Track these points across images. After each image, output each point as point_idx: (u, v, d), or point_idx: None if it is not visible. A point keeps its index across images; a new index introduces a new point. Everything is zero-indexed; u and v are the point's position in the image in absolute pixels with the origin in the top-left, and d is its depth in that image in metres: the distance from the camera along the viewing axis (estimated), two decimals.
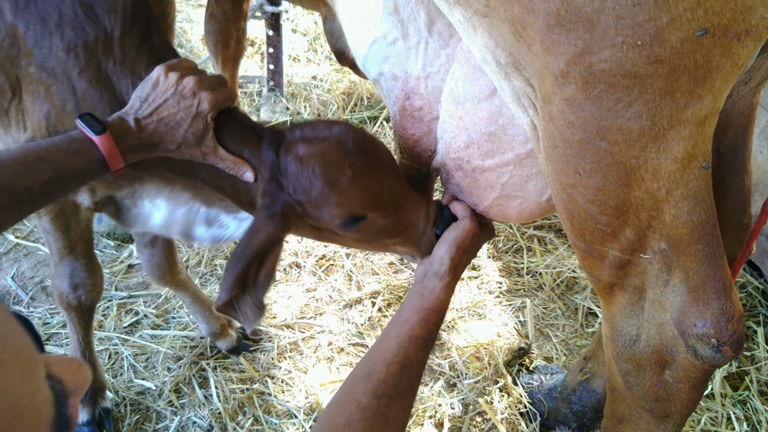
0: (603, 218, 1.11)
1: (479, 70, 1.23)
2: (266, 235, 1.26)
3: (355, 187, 1.23)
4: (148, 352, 2.21)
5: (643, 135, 0.97)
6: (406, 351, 1.20)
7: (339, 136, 1.26)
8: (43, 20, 1.25)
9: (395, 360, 1.19)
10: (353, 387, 1.16)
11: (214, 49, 2.80)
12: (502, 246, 2.74)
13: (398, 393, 1.16)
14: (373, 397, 1.13)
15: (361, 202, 1.26)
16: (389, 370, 1.17)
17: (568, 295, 2.55)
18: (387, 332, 1.25)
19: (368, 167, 1.26)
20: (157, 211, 1.48)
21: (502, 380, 2.11)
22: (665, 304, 1.15)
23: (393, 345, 1.21)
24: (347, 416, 1.10)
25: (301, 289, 2.49)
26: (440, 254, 1.33)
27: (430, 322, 1.26)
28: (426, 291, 1.29)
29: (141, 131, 1.17)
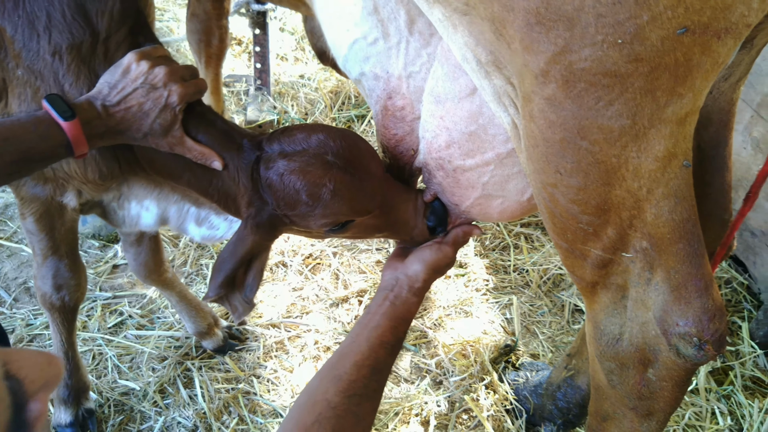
0: (584, 217, 1.11)
1: (460, 69, 1.22)
2: (252, 241, 1.26)
3: (338, 198, 1.23)
4: (133, 353, 2.19)
5: (623, 134, 0.96)
6: (377, 355, 1.22)
7: (318, 148, 1.24)
8: (31, 23, 1.24)
9: (366, 363, 1.20)
10: (322, 387, 1.16)
11: (197, 48, 2.78)
12: (489, 244, 2.74)
13: (368, 393, 1.18)
14: (344, 396, 1.14)
15: (346, 211, 1.27)
16: (360, 373, 1.19)
17: (555, 292, 2.56)
18: (357, 335, 1.26)
19: (350, 176, 1.25)
20: (147, 212, 1.47)
21: (488, 377, 2.11)
22: (648, 303, 1.15)
23: (364, 348, 1.22)
24: (317, 414, 1.11)
25: (287, 288, 2.48)
26: (415, 270, 1.36)
27: (399, 330, 1.29)
28: (398, 301, 1.32)
29: (108, 118, 1.16)
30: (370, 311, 1.30)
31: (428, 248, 1.39)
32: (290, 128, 1.29)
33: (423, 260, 1.37)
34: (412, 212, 1.39)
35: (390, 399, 2.07)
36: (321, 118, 3.53)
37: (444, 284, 2.53)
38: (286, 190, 1.22)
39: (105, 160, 1.31)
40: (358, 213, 1.29)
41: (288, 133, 1.28)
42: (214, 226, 1.47)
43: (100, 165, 1.31)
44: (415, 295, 1.33)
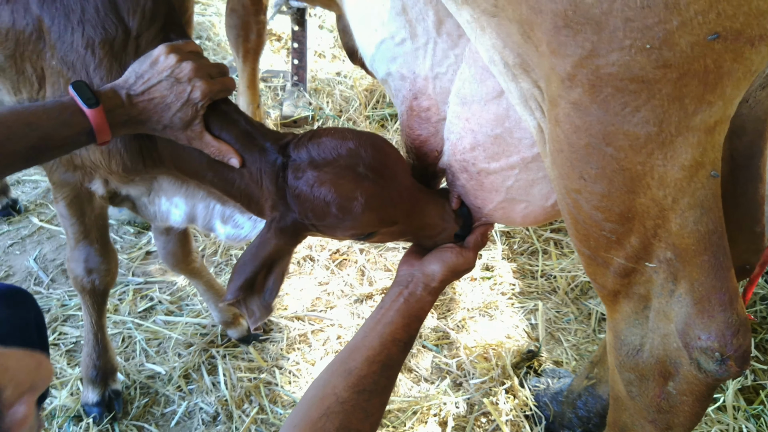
0: (608, 225, 1.09)
1: (487, 71, 1.22)
2: (275, 246, 1.26)
3: (368, 212, 1.22)
4: (161, 338, 2.24)
5: (649, 141, 0.95)
6: (389, 351, 1.23)
7: (349, 159, 1.23)
8: (67, 15, 1.28)
9: (377, 359, 1.21)
10: (332, 381, 1.17)
11: (235, 43, 2.83)
12: (517, 248, 2.72)
13: (377, 389, 1.18)
14: (354, 392, 1.15)
15: (375, 223, 1.27)
16: (371, 368, 1.19)
17: (582, 300, 2.52)
18: (370, 330, 1.26)
19: (381, 188, 1.24)
20: (176, 209, 1.50)
21: (509, 382, 2.09)
22: (670, 315, 1.13)
23: (376, 344, 1.23)
24: (326, 408, 1.12)
25: (313, 282, 2.51)
26: (433, 269, 1.36)
27: (412, 328, 1.29)
28: (412, 298, 1.31)
29: (131, 107, 1.18)
30: (384, 306, 1.31)
31: (449, 250, 1.39)
32: (318, 133, 1.28)
33: (443, 261, 1.37)
34: (438, 218, 1.38)
35: (409, 398, 2.08)
36: (355, 116, 3.55)
37: (469, 286, 2.52)
38: (316, 201, 1.22)
39: (129, 154, 1.34)
40: (386, 224, 1.29)
41: (317, 140, 1.26)
42: (238, 225, 1.48)
43: (124, 158, 1.34)
44: (430, 294, 1.32)
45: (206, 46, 4.06)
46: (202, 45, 4.06)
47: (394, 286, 1.36)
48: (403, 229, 1.34)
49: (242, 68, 2.94)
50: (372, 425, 1.17)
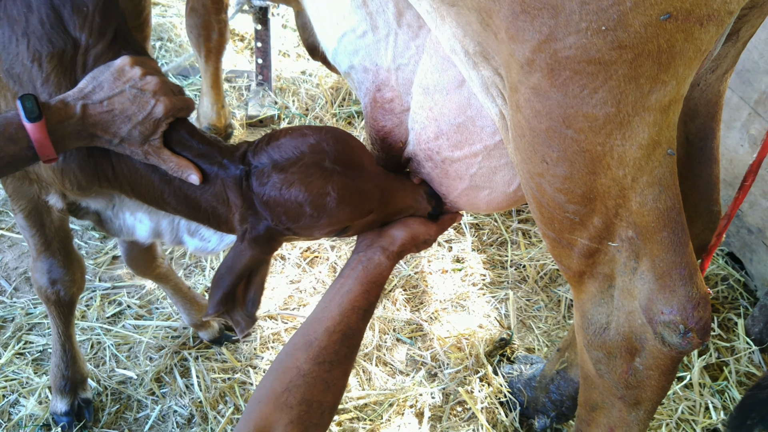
0: (571, 207, 1.12)
1: (448, 61, 1.24)
2: (250, 256, 1.24)
3: (342, 205, 1.22)
4: (131, 342, 2.21)
5: (608, 122, 0.97)
6: (348, 320, 1.23)
7: (312, 155, 1.20)
8: (12, 26, 1.21)
9: (337, 329, 1.21)
10: (293, 354, 1.18)
11: (196, 43, 2.80)
12: (486, 239, 2.75)
13: (339, 359, 1.19)
14: (314, 363, 1.16)
15: (350, 216, 1.26)
16: (331, 338, 1.20)
17: (551, 288, 2.57)
18: (329, 301, 1.27)
19: (351, 179, 1.23)
20: (141, 224, 1.46)
21: (483, 370, 2.12)
22: (634, 292, 1.16)
23: (335, 314, 1.23)
24: (288, 382, 1.13)
25: (285, 280, 2.50)
26: (394, 233, 1.37)
27: (371, 294, 1.29)
28: (371, 264, 1.31)
29: (85, 119, 1.12)
30: (343, 275, 1.31)
31: (413, 218, 1.40)
32: (275, 135, 1.25)
33: (405, 226, 1.38)
34: (411, 200, 1.40)
35: (385, 390, 2.08)
36: (322, 114, 3.54)
37: (441, 279, 2.54)
38: (288, 204, 1.19)
39: (84, 174, 1.26)
40: (361, 215, 1.29)
41: (275, 142, 1.23)
42: (205, 239, 1.45)
43: (78, 177, 1.27)
44: (388, 259, 1.32)
45: (168, 48, 4.01)
46: (164, 46, 4.00)
47: (353, 254, 1.36)
48: (377, 217, 1.35)
49: (205, 68, 2.91)
50: (334, 395, 1.18)
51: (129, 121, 1.15)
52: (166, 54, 3.96)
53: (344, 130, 1.30)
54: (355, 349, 1.26)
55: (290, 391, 1.13)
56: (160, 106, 1.17)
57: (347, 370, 1.23)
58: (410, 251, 1.42)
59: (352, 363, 1.25)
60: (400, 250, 1.36)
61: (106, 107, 1.14)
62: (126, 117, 1.15)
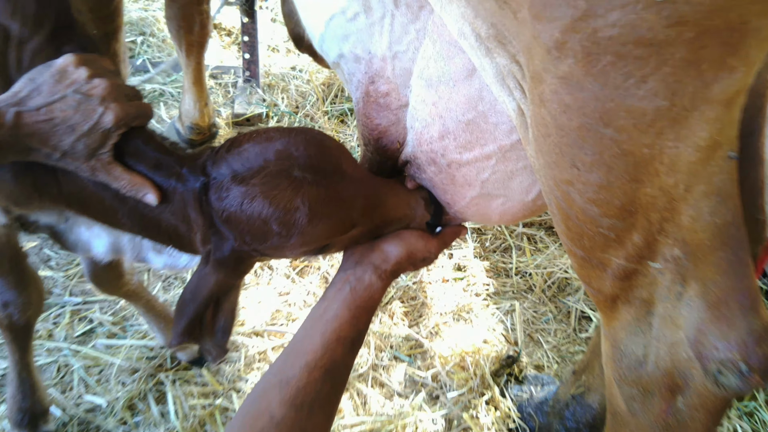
0: (606, 221, 0.93)
1: (455, 47, 1.05)
2: (215, 282, 1.05)
3: (316, 220, 1.02)
4: (102, 365, 2.01)
5: (659, 118, 0.79)
6: (333, 354, 1.03)
7: (279, 163, 1.00)
8: None
9: (319, 364, 1.02)
10: (266, 395, 0.99)
11: (176, 35, 2.59)
12: (489, 245, 2.57)
13: (320, 401, 1.00)
14: (290, 407, 0.96)
15: (327, 232, 1.06)
16: (311, 376, 1.00)
17: (560, 298, 2.38)
18: (310, 329, 1.07)
19: (326, 188, 1.03)
20: (98, 239, 1.26)
21: (489, 392, 1.93)
22: (678, 321, 0.98)
23: (317, 346, 1.03)
24: (258, 431, 0.94)
25: (272, 292, 2.30)
26: (387, 248, 1.17)
27: (360, 321, 1.09)
28: (360, 285, 1.12)
29: (19, 128, 0.92)
30: (327, 297, 1.11)
31: (410, 231, 1.21)
32: (238, 141, 1.05)
33: (400, 240, 1.18)
34: (405, 208, 1.20)
35: (381, 416, 1.89)
36: (312, 112, 3.35)
37: (441, 289, 2.35)
38: (251, 221, 1.00)
39: (20, 189, 1.06)
40: (342, 230, 1.09)
41: (236, 149, 1.03)
42: (174, 254, 1.25)
43: (14, 193, 1.07)
44: (380, 279, 1.13)
45: (150, 43, 3.80)
46: (146, 41, 3.79)
47: (339, 272, 1.16)
48: (364, 231, 1.15)
49: (186, 63, 2.71)
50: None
51: (72, 132, 0.95)
52: (149, 50, 3.76)
53: (318, 130, 1.10)
54: (341, 386, 1.07)
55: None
56: (110, 114, 0.97)
57: (331, 412, 1.04)
58: (406, 270, 1.22)
59: (337, 404, 1.06)
60: (394, 269, 1.16)
61: (44, 115, 0.94)
62: (68, 127, 0.95)
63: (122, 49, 2.08)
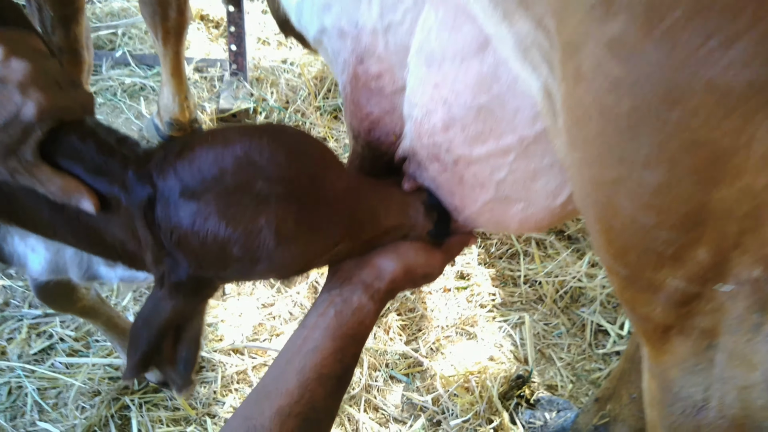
0: (663, 233, 0.71)
1: (463, 14, 0.83)
2: (173, 309, 0.85)
3: (286, 243, 0.81)
4: (59, 386, 1.79)
5: (751, 96, 0.57)
6: (312, 396, 0.82)
7: (238, 173, 0.79)
8: None
9: (294, 411, 0.81)
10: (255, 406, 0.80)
11: (151, 22, 2.37)
12: (495, 250, 2.35)
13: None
14: None
15: (303, 255, 0.86)
16: (285, 426, 0.79)
17: (573, 309, 2.17)
18: (285, 364, 0.86)
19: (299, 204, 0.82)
20: (33, 254, 1.05)
21: (498, 418, 1.72)
22: (752, 359, 0.76)
23: (293, 387, 0.83)
24: None
25: (254, 304, 2.09)
26: (381, 264, 0.96)
27: (347, 354, 0.88)
28: (347, 308, 0.90)
29: None
30: (307, 325, 0.90)
31: (411, 246, 0.99)
32: (189, 144, 0.83)
33: (397, 255, 0.97)
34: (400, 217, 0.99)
35: None
36: (304, 107, 3.13)
37: (442, 299, 2.13)
38: (205, 246, 0.80)
39: None
40: (321, 252, 0.89)
41: (187, 154, 0.81)
42: None
43: None
44: (372, 301, 0.92)
45: (132, 35, 3.58)
46: (127, 33, 3.57)
47: (323, 292, 0.95)
48: (351, 247, 0.94)
49: (163, 53, 2.48)
50: None
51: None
52: (130, 41, 3.54)
53: (289, 126, 0.88)
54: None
55: None
56: (30, 105, 0.76)
57: None
58: (404, 289, 1.01)
59: None
60: (389, 288, 0.95)
61: None
62: None
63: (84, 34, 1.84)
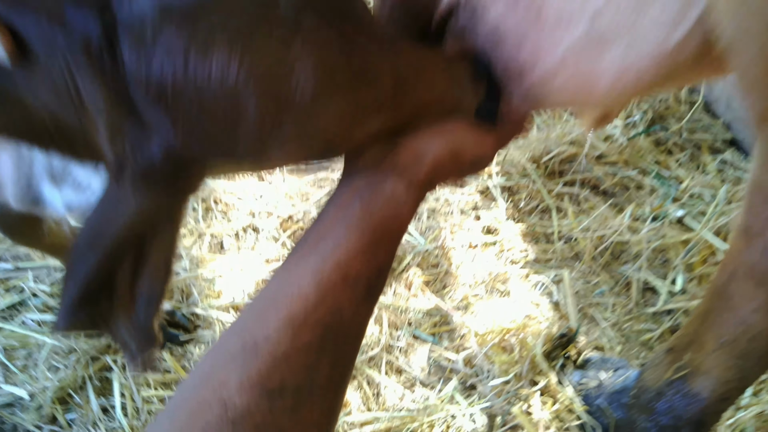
0: None
1: None
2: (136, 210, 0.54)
3: (328, 92, 0.55)
4: (30, 346, 1.53)
5: None
6: (337, 300, 0.58)
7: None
8: None
9: (311, 318, 0.56)
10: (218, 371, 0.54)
11: None
12: (524, 205, 2.11)
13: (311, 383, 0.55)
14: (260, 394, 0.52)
15: (343, 117, 0.59)
16: (297, 341, 0.55)
17: (615, 266, 1.93)
18: (294, 266, 0.61)
19: (340, 43, 0.56)
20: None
21: (543, 379, 1.47)
22: None
23: (308, 290, 0.58)
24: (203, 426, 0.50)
25: (257, 259, 1.83)
26: (421, 146, 0.70)
27: (380, 253, 0.63)
28: (377, 198, 0.65)
29: None
30: (323, 220, 0.64)
31: (455, 125, 0.73)
32: None
33: (443, 136, 0.71)
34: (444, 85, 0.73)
35: (400, 411, 1.43)
36: None
37: (469, 255, 1.89)
38: (204, 102, 0.52)
39: None
40: (363, 115, 0.62)
41: None
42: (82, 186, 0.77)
43: None
44: (409, 190, 0.66)
45: None
46: None
47: (341, 185, 0.68)
48: (387, 122, 0.67)
49: None
50: None
51: None
52: None
53: None
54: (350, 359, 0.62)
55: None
56: None
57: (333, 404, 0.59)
58: (448, 178, 0.75)
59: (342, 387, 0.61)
60: (431, 174, 0.69)
61: None
62: None
63: None
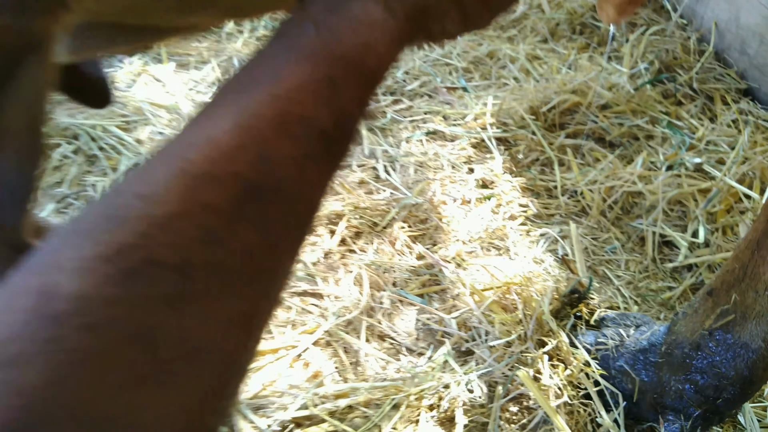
0: None
1: None
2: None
3: None
4: None
5: None
6: (264, 151, 0.37)
7: None
8: None
9: (219, 169, 0.35)
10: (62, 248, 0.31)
11: None
12: (522, 158, 1.88)
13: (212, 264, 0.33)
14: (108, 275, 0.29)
15: None
16: (192, 199, 0.34)
17: (627, 221, 1.71)
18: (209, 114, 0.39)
19: None
20: None
21: (552, 340, 1.24)
22: None
23: (220, 134, 0.36)
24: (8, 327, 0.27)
25: None
26: None
27: (344, 92, 0.41)
28: (341, 18, 0.42)
29: None
30: (259, 58, 0.42)
31: None
32: None
33: None
34: None
35: (384, 381, 1.20)
36: None
37: (461, 211, 1.66)
38: None
39: None
40: None
41: None
42: None
43: None
44: (389, 12, 0.43)
45: None
46: None
47: (286, 21, 0.45)
48: None
49: None
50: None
51: None
52: None
53: None
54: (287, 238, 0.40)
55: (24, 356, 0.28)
56: None
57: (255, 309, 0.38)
58: (444, 15, 0.51)
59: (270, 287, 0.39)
60: (421, 4, 0.46)
61: None
62: None
63: None
